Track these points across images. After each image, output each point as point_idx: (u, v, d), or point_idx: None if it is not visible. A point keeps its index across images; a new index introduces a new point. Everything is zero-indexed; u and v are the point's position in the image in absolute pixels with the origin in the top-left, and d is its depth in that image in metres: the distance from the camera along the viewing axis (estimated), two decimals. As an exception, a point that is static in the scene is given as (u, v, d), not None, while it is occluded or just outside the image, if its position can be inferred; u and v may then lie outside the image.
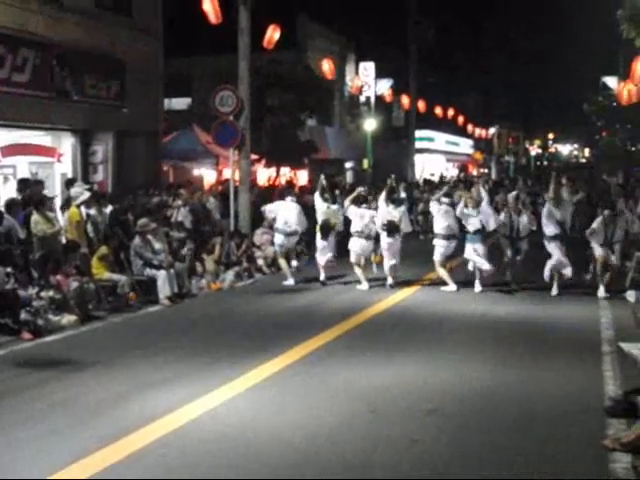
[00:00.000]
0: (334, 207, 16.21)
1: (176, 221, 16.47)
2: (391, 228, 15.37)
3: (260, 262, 17.56)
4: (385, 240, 15.53)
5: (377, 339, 11.23)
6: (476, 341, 11.07)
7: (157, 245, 14.31)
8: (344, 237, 16.69)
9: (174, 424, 7.36)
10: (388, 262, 15.63)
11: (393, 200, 15.68)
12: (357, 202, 15.92)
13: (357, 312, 13.12)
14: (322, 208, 16.08)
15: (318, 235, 16.04)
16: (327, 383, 8.89)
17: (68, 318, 11.79)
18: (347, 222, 16.36)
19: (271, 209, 16.89)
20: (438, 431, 7.24)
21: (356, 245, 15.72)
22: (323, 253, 16.03)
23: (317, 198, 16.30)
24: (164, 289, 13.81)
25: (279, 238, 16.45)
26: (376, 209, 15.78)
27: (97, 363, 9.70)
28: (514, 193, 16.13)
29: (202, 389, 8.46)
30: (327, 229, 15.95)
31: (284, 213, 16.39)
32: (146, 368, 9.47)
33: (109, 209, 15.25)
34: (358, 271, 15.78)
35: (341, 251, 16.59)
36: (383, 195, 15.66)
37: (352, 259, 15.82)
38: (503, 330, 11.83)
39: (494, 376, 9.19)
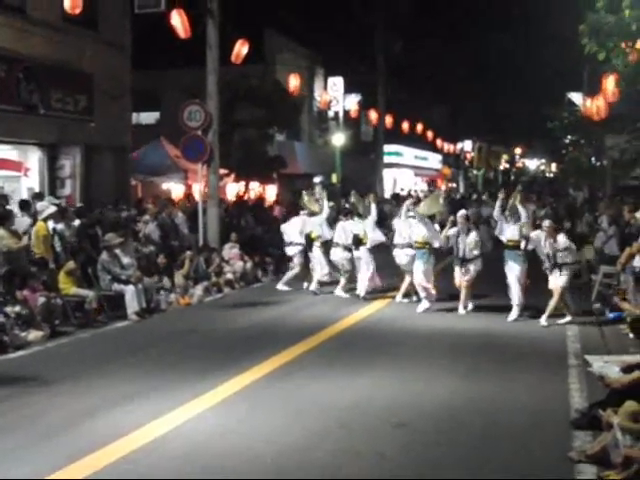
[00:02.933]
0: (315, 219, 16.81)
1: (144, 235, 16.42)
2: (355, 241, 15.84)
3: (229, 276, 17.53)
4: (354, 253, 15.96)
5: (347, 353, 11.23)
6: (445, 356, 11.10)
7: (125, 260, 14.22)
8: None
9: (142, 440, 7.31)
10: (359, 275, 15.91)
11: (359, 214, 16.21)
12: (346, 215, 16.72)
13: (327, 326, 13.12)
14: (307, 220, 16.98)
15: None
16: (296, 397, 8.88)
17: (35, 334, 11.67)
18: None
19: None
20: (407, 445, 7.26)
21: (336, 255, 16.36)
22: (317, 264, 16.65)
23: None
24: (132, 304, 13.71)
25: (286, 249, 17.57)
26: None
27: (64, 379, 9.61)
28: (462, 212, 14.83)
29: (171, 404, 8.41)
30: (309, 240, 16.70)
31: (288, 227, 17.42)
32: (114, 383, 9.40)
33: (77, 223, 15.15)
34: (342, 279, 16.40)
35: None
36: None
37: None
38: (472, 345, 11.87)
39: (463, 390, 9.24)
